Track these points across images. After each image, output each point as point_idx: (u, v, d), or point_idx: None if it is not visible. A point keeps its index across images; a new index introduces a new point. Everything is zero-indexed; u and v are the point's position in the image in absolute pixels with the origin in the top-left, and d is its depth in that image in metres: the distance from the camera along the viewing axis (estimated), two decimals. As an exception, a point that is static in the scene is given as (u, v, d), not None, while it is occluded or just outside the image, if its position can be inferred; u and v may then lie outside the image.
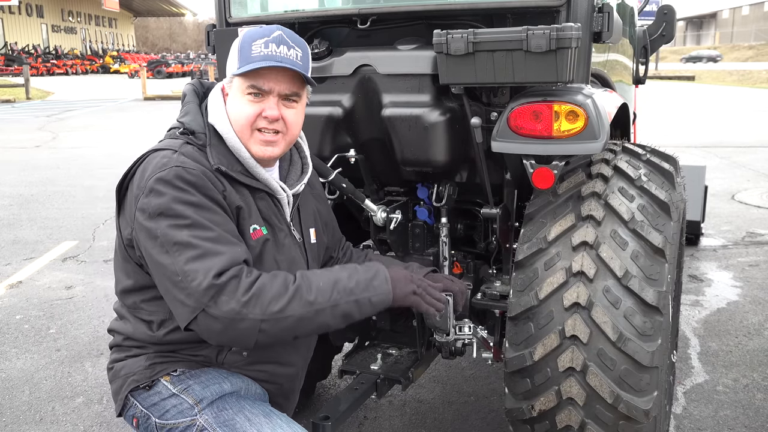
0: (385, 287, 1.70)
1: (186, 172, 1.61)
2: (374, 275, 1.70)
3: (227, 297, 1.53)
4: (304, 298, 1.59)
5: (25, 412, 3.14)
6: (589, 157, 2.21)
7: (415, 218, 2.55)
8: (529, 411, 2.02)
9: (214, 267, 1.54)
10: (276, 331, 1.58)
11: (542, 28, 1.93)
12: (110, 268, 5.15)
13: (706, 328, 3.95)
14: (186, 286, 1.54)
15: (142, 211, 1.60)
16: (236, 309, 1.53)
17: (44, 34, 53.51)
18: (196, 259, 1.54)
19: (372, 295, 1.67)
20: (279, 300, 1.56)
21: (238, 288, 1.54)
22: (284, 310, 1.56)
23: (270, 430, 1.66)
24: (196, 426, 1.68)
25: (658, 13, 3.91)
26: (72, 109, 20.08)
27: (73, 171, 9.47)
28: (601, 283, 1.94)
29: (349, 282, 1.66)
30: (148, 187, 1.61)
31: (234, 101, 1.74)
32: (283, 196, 1.83)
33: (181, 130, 1.75)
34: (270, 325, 1.55)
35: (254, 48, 1.68)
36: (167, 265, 1.56)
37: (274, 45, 1.68)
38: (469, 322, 2.26)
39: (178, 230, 1.56)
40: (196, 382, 1.74)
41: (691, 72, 36.11)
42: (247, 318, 1.53)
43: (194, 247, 1.55)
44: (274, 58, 1.67)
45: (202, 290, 1.52)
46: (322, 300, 1.61)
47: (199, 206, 1.60)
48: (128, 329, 1.80)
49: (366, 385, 2.35)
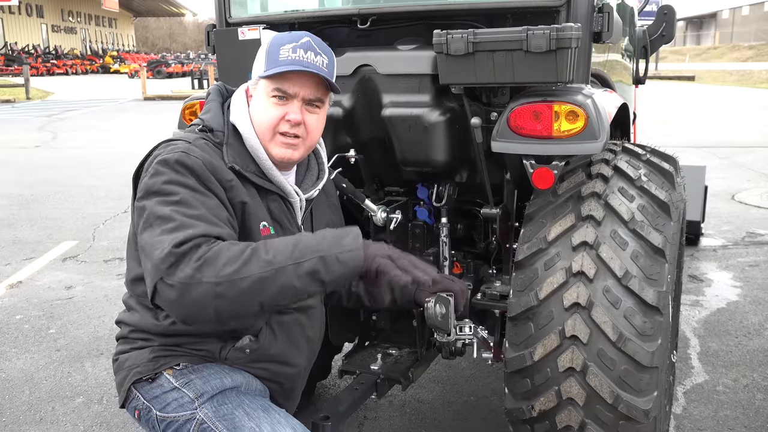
0: (355, 243, 1.55)
1: (187, 158, 1.63)
2: (345, 233, 1.58)
3: (183, 264, 1.46)
4: (262, 258, 1.49)
5: (25, 412, 3.14)
6: (589, 157, 2.21)
7: (415, 218, 2.55)
8: (529, 411, 2.02)
9: (179, 237, 1.48)
10: (234, 293, 1.47)
11: (542, 28, 1.93)
12: (110, 268, 5.18)
13: (706, 328, 3.95)
14: (152, 255, 1.49)
15: (141, 190, 1.64)
16: (189, 273, 1.45)
17: (44, 34, 53.49)
18: (168, 232, 1.50)
19: (340, 252, 1.53)
20: (234, 262, 1.47)
21: (195, 254, 1.47)
22: (239, 271, 1.46)
23: (268, 425, 1.67)
24: (195, 420, 1.70)
25: (658, 13, 3.91)
26: (72, 109, 20.08)
27: (73, 171, 9.48)
28: (601, 283, 1.94)
29: (314, 239, 1.56)
30: (151, 169, 1.64)
31: (258, 103, 1.77)
32: (295, 200, 1.84)
33: (200, 127, 1.78)
34: (226, 287, 1.45)
35: (282, 52, 1.71)
36: (146, 238, 1.53)
37: (302, 50, 1.71)
38: (469, 322, 2.26)
39: (163, 206, 1.56)
40: (197, 377, 1.75)
41: (691, 72, 36.09)
42: (201, 282, 1.44)
43: (171, 220, 1.52)
44: (301, 63, 1.70)
45: (162, 258, 1.46)
46: (282, 258, 1.50)
47: (193, 189, 1.60)
48: (135, 319, 1.82)
49: (366, 385, 2.35)
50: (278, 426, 1.67)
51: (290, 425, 1.70)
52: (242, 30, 2.37)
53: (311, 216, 1.94)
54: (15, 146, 12.16)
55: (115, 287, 4.74)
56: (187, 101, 2.64)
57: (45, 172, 9.35)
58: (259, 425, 1.66)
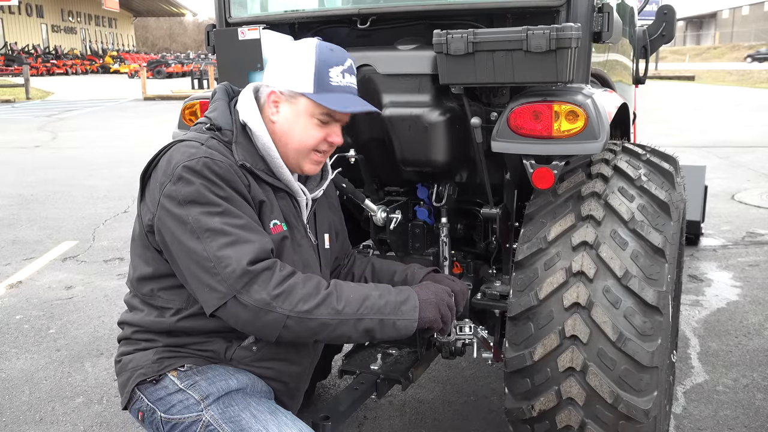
0: (412, 314, 1.70)
1: (214, 164, 1.64)
2: (405, 300, 1.72)
3: (259, 286, 1.57)
4: (333, 306, 1.62)
5: (25, 412, 3.14)
6: (589, 157, 2.21)
7: (415, 218, 2.55)
8: (529, 411, 2.02)
9: (246, 254, 1.57)
10: (299, 329, 1.61)
11: (542, 28, 1.93)
12: (110, 268, 5.18)
13: (706, 328, 3.95)
14: (219, 271, 1.57)
15: (169, 198, 1.63)
16: (266, 300, 1.56)
17: (44, 34, 53.50)
18: (229, 246, 1.58)
19: (397, 319, 1.68)
20: (309, 301, 1.60)
21: (271, 279, 1.58)
22: (312, 312, 1.59)
23: (275, 428, 1.67)
24: (201, 422, 1.69)
25: (658, 13, 3.92)
26: (72, 109, 20.08)
27: (73, 171, 9.47)
28: (601, 283, 1.94)
29: (379, 300, 1.68)
30: (176, 174, 1.63)
31: (298, 120, 1.77)
32: (302, 198, 1.86)
33: (208, 126, 1.77)
34: (295, 322, 1.59)
35: (332, 76, 1.74)
36: (198, 251, 1.59)
37: (350, 75, 1.77)
38: (469, 322, 2.26)
39: (210, 217, 1.59)
40: (202, 378, 1.75)
41: (691, 72, 36.10)
42: (275, 311, 1.57)
43: (226, 233, 1.58)
44: (359, 103, 1.78)
45: (236, 276, 1.56)
46: (350, 311, 1.63)
47: (228, 198, 1.63)
48: (139, 319, 1.81)
49: (366, 385, 2.35)
50: (285, 428, 1.68)
51: (297, 427, 1.70)
52: (242, 30, 2.37)
53: (314, 217, 1.95)
54: (15, 146, 12.16)
55: (115, 287, 4.74)
56: (187, 101, 2.64)
57: (45, 172, 9.35)
58: (266, 427, 1.66)
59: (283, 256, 1.75)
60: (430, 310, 1.74)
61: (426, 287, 1.83)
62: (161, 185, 1.65)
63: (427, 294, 1.78)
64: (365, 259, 2.20)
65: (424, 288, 1.82)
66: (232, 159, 1.70)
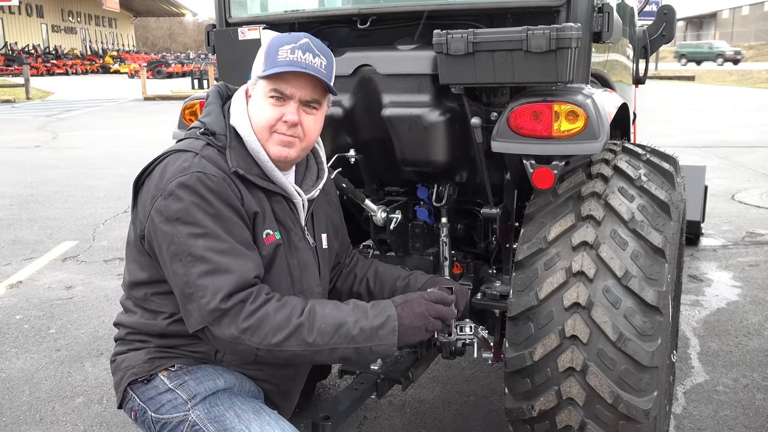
0: (390, 339, 1.66)
1: (207, 178, 1.64)
2: (383, 324, 1.66)
3: (229, 321, 1.59)
4: (303, 338, 1.61)
5: (25, 412, 3.14)
6: (589, 157, 2.21)
7: (415, 218, 2.55)
8: (529, 411, 2.02)
9: (223, 287, 1.59)
10: (271, 358, 1.65)
11: (542, 28, 1.93)
12: (110, 268, 5.18)
13: (706, 328, 3.95)
14: (196, 300, 1.60)
15: (159, 212, 1.64)
16: (235, 335, 1.59)
17: (44, 34, 53.46)
18: (208, 275, 1.60)
19: (374, 345, 1.66)
20: (278, 334, 1.60)
21: (241, 314, 1.59)
22: (281, 345, 1.61)
23: (258, 427, 1.69)
24: (188, 421, 1.72)
25: (658, 13, 3.92)
26: (72, 109, 20.08)
27: (73, 171, 9.47)
28: (601, 283, 1.94)
29: (354, 328, 1.64)
30: (167, 190, 1.63)
31: (256, 103, 1.77)
32: (298, 201, 1.85)
33: (202, 131, 1.77)
34: (265, 353, 1.62)
35: (280, 53, 1.72)
36: (180, 274, 1.62)
37: (300, 51, 1.72)
38: (469, 322, 2.26)
39: (194, 239, 1.61)
40: (191, 378, 1.77)
41: (691, 72, 36.08)
42: (245, 343, 1.60)
43: (207, 261, 1.60)
44: (298, 64, 1.71)
45: (208, 311, 1.59)
46: (321, 342, 1.63)
47: (217, 216, 1.63)
48: (133, 321, 1.83)
49: (366, 385, 2.35)
50: (267, 427, 1.69)
51: (279, 427, 1.71)
52: (242, 30, 2.37)
53: (312, 217, 1.94)
54: (15, 146, 12.15)
55: (115, 287, 4.74)
56: (187, 101, 2.64)
57: (45, 172, 9.35)
58: (248, 427, 1.69)
59: (276, 263, 1.76)
60: (410, 333, 1.69)
61: (411, 304, 1.73)
62: (153, 198, 1.66)
63: (409, 312, 1.70)
64: (368, 261, 2.19)
65: (408, 306, 1.72)
66: (226, 166, 1.70)
